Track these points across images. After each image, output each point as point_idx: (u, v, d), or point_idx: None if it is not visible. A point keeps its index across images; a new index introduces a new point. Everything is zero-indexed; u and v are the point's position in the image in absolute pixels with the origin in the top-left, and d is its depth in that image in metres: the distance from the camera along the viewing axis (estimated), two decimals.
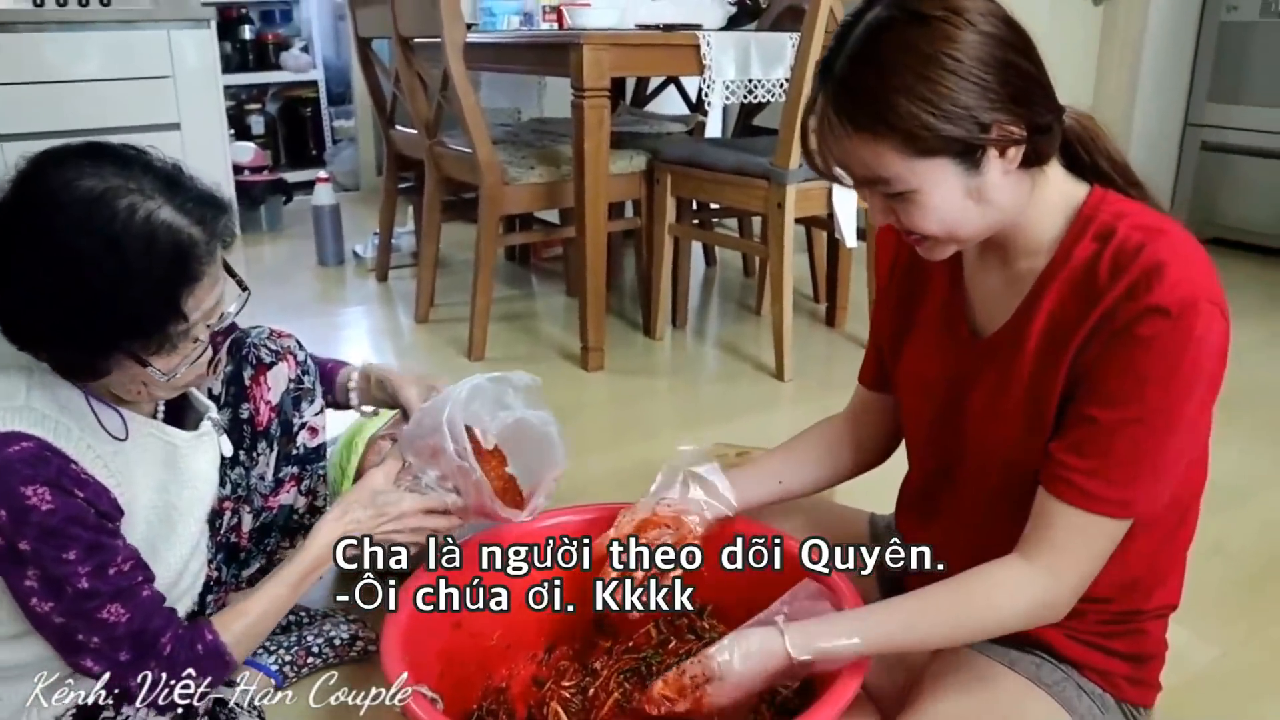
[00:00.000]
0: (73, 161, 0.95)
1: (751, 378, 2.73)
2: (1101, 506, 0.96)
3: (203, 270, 0.98)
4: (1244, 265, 3.84)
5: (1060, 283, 0.99)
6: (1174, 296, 0.90)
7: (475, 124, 2.66)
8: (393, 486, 1.21)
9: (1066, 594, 0.99)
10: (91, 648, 1.03)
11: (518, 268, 3.94)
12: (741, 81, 2.68)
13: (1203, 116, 4.06)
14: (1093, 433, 0.96)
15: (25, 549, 0.96)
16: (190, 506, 1.15)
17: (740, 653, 1.00)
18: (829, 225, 2.86)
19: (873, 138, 0.91)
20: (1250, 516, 1.95)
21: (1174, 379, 0.92)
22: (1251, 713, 1.40)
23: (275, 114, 5.41)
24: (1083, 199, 0.99)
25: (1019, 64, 0.92)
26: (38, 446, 0.96)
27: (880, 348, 1.24)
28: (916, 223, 0.96)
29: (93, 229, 0.92)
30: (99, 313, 0.94)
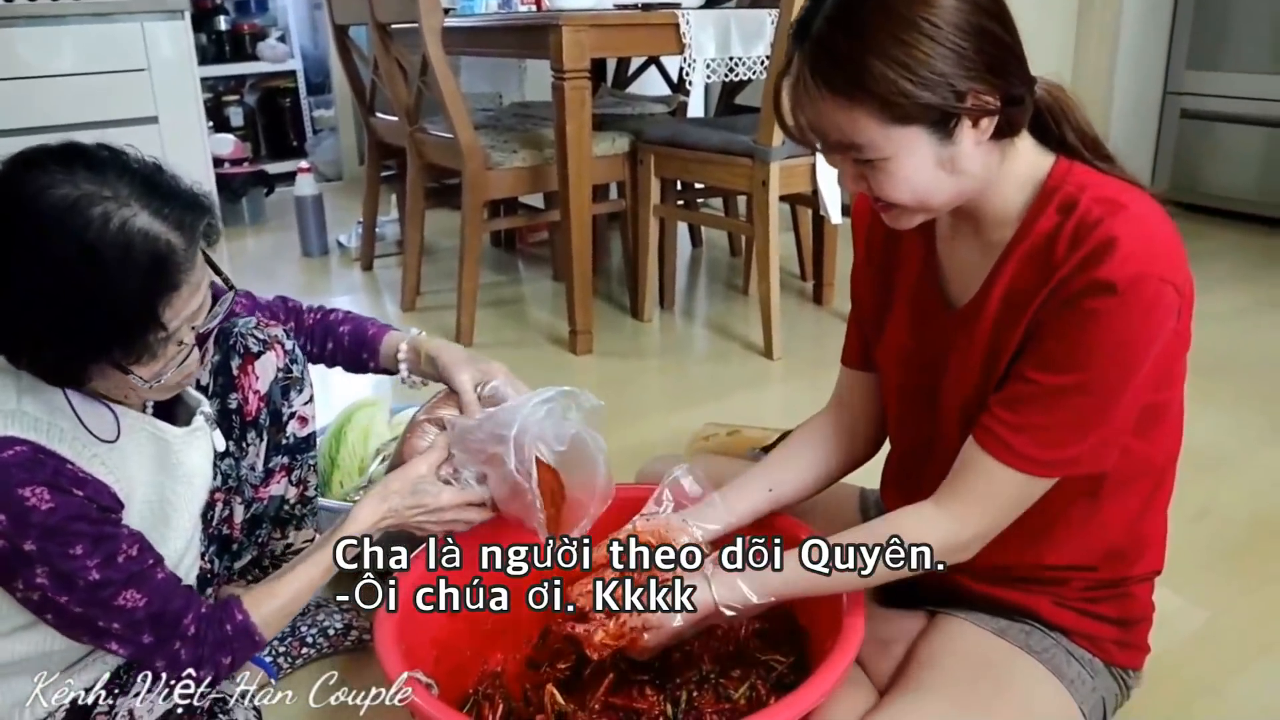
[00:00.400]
0: (44, 167, 0.92)
1: (740, 357, 2.73)
2: (1020, 462, 0.98)
3: (182, 278, 0.96)
4: (1225, 232, 3.85)
5: (1021, 253, 0.99)
6: (1122, 272, 0.90)
7: (456, 109, 2.65)
8: (434, 477, 1.20)
9: (970, 540, 1.03)
10: (114, 633, 1.03)
11: (503, 253, 3.93)
12: (722, 60, 2.68)
13: (1182, 84, 4.06)
14: (1028, 392, 0.97)
15: (30, 549, 0.95)
16: (184, 501, 1.15)
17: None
18: (814, 202, 2.86)
19: (848, 102, 0.91)
20: (1236, 480, 1.97)
21: (1115, 353, 0.93)
22: (1240, 674, 1.41)
23: (254, 105, 5.36)
24: (1048, 170, 0.99)
25: (996, 32, 0.92)
26: (32, 450, 0.96)
27: (862, 323, 1.24)
28: (887, 191, 0.96)
29: (66, 239, 0.90)
30: (75, 324, 0.92)
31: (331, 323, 1.40)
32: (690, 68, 2.63)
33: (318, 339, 1.40)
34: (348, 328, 1.40)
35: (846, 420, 1.28)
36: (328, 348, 1.40)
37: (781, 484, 1.25)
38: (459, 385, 1.28)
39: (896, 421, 1.23)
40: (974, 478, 1.01)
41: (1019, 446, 0.98)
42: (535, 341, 2.87)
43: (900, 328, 1.15)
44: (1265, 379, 2.41)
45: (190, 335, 1.02)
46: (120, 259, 0.91)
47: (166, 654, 1.07)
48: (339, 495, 1.71)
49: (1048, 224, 0.97)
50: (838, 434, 1.28)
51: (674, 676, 1.18)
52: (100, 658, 1.12)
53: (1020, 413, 0.98)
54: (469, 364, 1.31)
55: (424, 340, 1.36)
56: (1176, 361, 1.03)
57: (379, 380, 2.55)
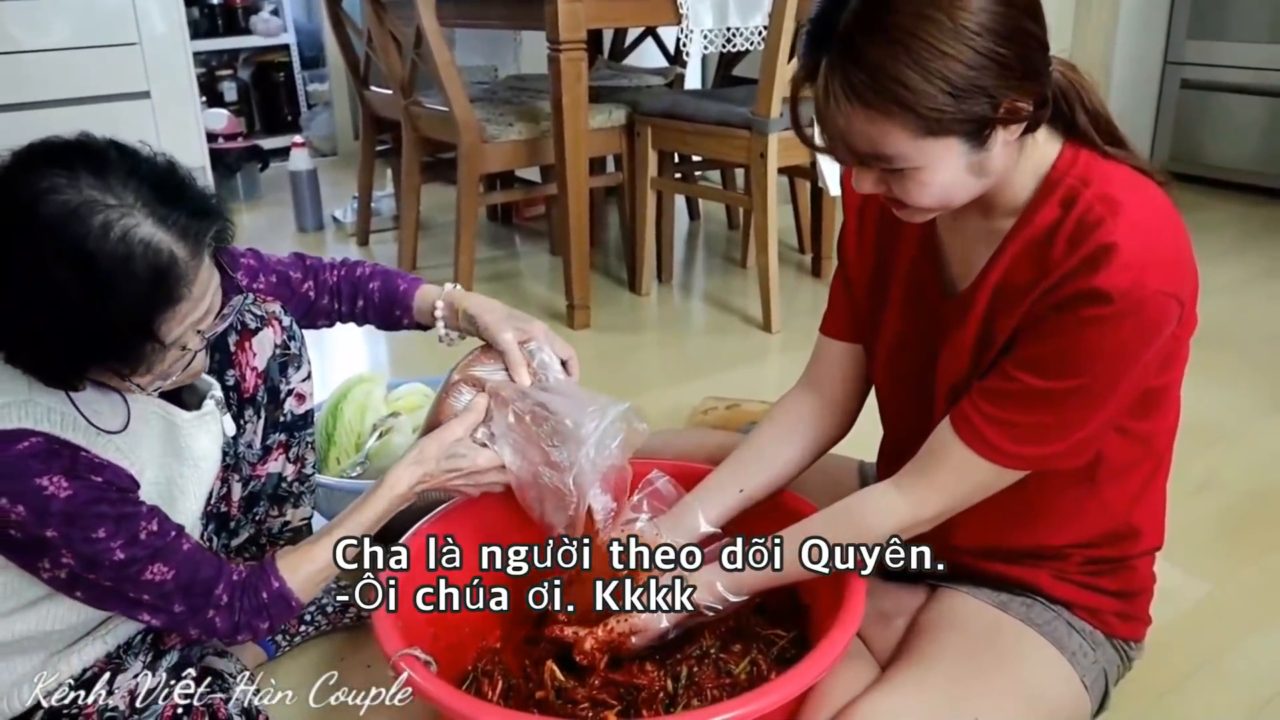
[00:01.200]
0: (48, 169, 0.88)
1: (739, 330, 2.72)
2: (993, 454, 0.97)
3: (183, 291, 0.92)
4: (1226, 204, 3.83)
5: (1018, 244, 0.97)
6: (1118, 282, 0.87)
7: (451, 81, 2.62)
8: (470, 440, 1.19)
9: (927, 522, 1.04)
10: (145, 603, 1.03)
11: (500, 228, 3.91)
12: (720, 30, 2.65)
13: (1183, 54, 4.03)
14: (1012, 389, 0.96)
15: (53, 535, 0.95)
16: (191, 485, 1.14)
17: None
18: (812, 174, 2.84)
19: (880, 116, 0.85)
20: (1237, 452, 1.97)
21: (1105, 363, 0.91)
22: (1241, 646, 1.41)
23: (248, 80, 5.31)
24: (1053, 158, 0.96)
25: (1034, 33, 0.87)
26: (46, 440, 0.95)
27: (853, 296, 1.20)
28: (914, 198, 0.92)
29: (64, 249, 0.87)
30: (70, 333, 0.90)
31: (359, 278, 1.35)
32: (687, 38, 2.60)
33: (345, 296, 1.35)
34: (377, 284, 1.35)
35: (821, 399, 1.25)
36: (357, 305, 1.35)
37: (753, 482, 1.22)
38: (504, 344, 1.25)
39: (888, 403, 1.22)
40: (943, 462, 1.00)
41: (994, 439, 0.97)
42: (533, 315, 2.85)
43: (894, 310, 1.13)
44: (1266, 351, 2.40)
45: (196, 340, 1.00)
46: (118, 271, 0.88)
47: (200, 622, 1.06)
48: (335, 472, 1.70)
49: (1048, 217, 0.94)
50: (810, 418, 1.25)
51: (674, 652, 1.18)
52: (100, 636, 1.12)
53: (1001, 407, 0.96)
54: (509, 321, 1.27)
55: (460, 295, 1.32)
56: (1179, 348, 1.01)
57: (375, 355, 2.55)
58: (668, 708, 1.11)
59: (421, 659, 1.04)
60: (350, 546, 1.14)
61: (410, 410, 1.82)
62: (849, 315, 1.22)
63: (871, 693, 1.03)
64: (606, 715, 1.10)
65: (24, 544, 0.97)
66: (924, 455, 1.03)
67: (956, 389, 1.04)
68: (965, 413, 0.98)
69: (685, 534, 1.20)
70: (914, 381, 1.11)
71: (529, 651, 1.27)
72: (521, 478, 1.19)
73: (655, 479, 1.27)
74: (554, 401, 1.19)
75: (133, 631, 1.15)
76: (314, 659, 1.42)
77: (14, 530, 0.95)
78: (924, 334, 1.09)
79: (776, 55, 2.41)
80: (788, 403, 1.27)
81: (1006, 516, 1.06)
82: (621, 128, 2.85)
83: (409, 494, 1.17)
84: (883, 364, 1.17)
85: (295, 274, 1.33)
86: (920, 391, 1.10)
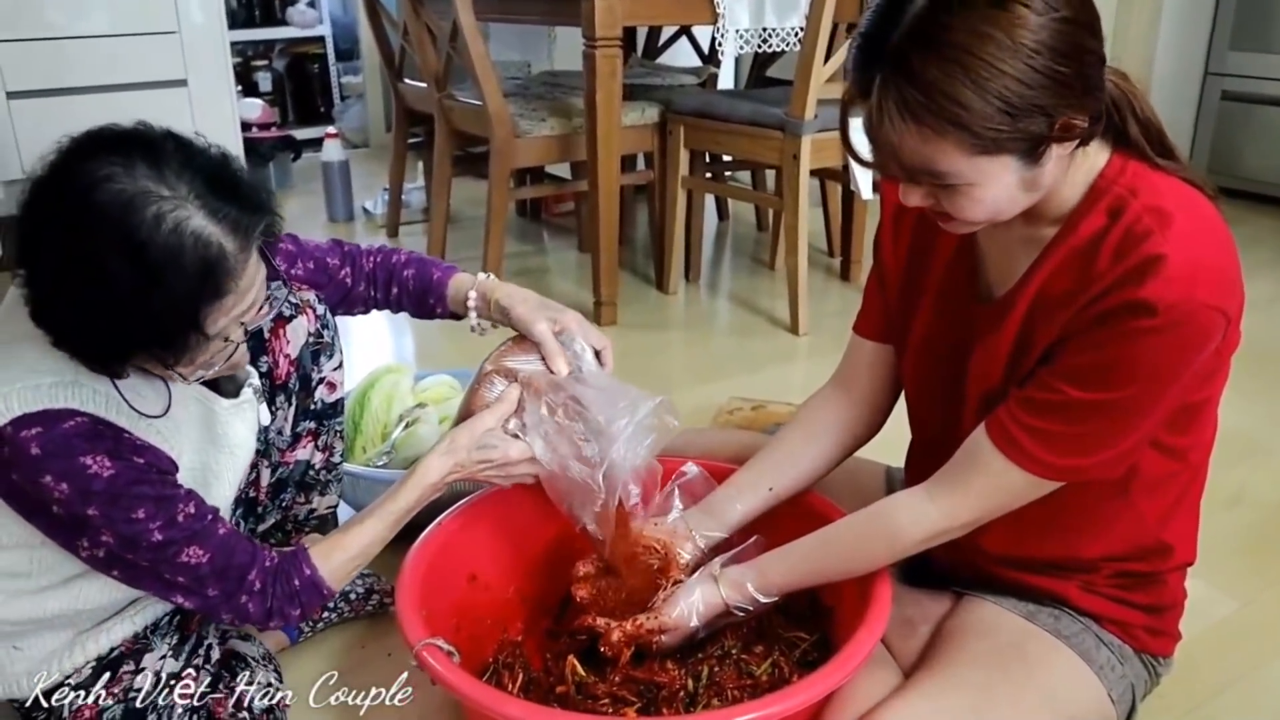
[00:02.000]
0: (105, 157, 0.89)
1: (766, 332, 2.71)
2: (1028, 464, 0.96)
3: (230, 286, 0.93)
4: (1262, 218, 3.77)
5: (1061, 253, 0.95)
6: (1165, 295, 0.85)
7: (485, 75, 2.62)
8: (501, 430, 1.18)
9: (957, 530, 1.03)
10: (180, 585, 1.04)
11: (529, 223, 3.92)
12: (755, 30, 2.63)
13: (1224, 65, 3.97)
14: (1052, 400, 0.94)
15: (94, 514, 0.96)
16: (226, 471, 1.15)
17: (688, 607, 1.12)
18: (844, 177, 2.82)
19: (935, 134, 0.84)
20: (1271, 469, 1.94)
21: (1148, 376, 0.90)
22: (1269, 665, 1.39)
23: (282, 71, 5.35)
24: (1101, 168, 0.94)
25: (1092, 48, 0.85)
26: (91, 422, 0.96)
27: (886, 297, 1.19)
28: (965, 213, 0.91)
29: (116, 238, 0.88)
30: (116, 321, 0.91)
31: (394, 265, 1.35)
32: (723, 37, 2.59)
33: (380, 283, 1.35)
34: (411, 271, 1.34)
35: (852, 398, 1.24)
36: (392, 292, 1.35)
37: (782, 481, 1.23)
38: (539, 335, 1.23)
39: (917, 406, 1.20)
40: (977, 470, 0.99)
41: (1031, 449, 0.95)
42: None
43: (927, 314, 1.12)
44: None
45: (239, 333, 1.00)
46: (168, 263, 0.89)
47: (233, 607, 1.07)
48: (361, 460, 1.70)
49: (1092, 226, 0.93)
50: (841, 417, 1.24)
51: (696, 652, 1.18)
52: (128, 617, 1.13)
53: (1040, 417, 0.95)
54: (542, 311, 1.26)
55: (492, 285, 1.31)
56: (1221, 364, 0.99)
57: (402, 345, 2.55)
58: (688, 707, 1.11)
59: (445, 649, 1.04)
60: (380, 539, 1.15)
61: (437, 402, 1.83)
62: (881, 315, 1.21)
63: (895, 699, 1.03)
64: (626, 712, 1.10)
65: (65, 522, 0.97)
66: (958, 462, 1.01)
67: (988, 395, 1.03)
68: (1002, 421, 0.97)
69: (716, 529, 1.20)
70: (943, 385, 1.10)
71: (550, 645, 1.28)
72: (551, 470, 1.18)
73: (689, 470, 1.27)
74: (587, 395, 1.19)
75: (160, 613, 1.15)
76: (336, 646, 1.43)
77: (56, 508, 0.96)
78: (956, 338, 1.08)
79: (813, 57, 2.39)
80: (817, 402, 1.27)
81: (1038, 526, 1.05)
82: (654, 126, 2.84)
83: (440, 484, 1.17)
84: (912, 365, 1.16)
85: (333, 260, 1.33)
86: (949, 395, 1.09)
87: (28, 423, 0.93)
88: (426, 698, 1.23)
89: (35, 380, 0.95)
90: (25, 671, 1.10)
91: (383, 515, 1.14)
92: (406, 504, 1.15)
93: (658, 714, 1.10)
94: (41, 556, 1.04)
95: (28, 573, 1.05)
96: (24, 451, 0.93)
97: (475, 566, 1.28)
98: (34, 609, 1.07)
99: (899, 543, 1.04)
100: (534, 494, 1.23)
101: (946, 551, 1.08)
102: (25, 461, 0.93)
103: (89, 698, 1.10)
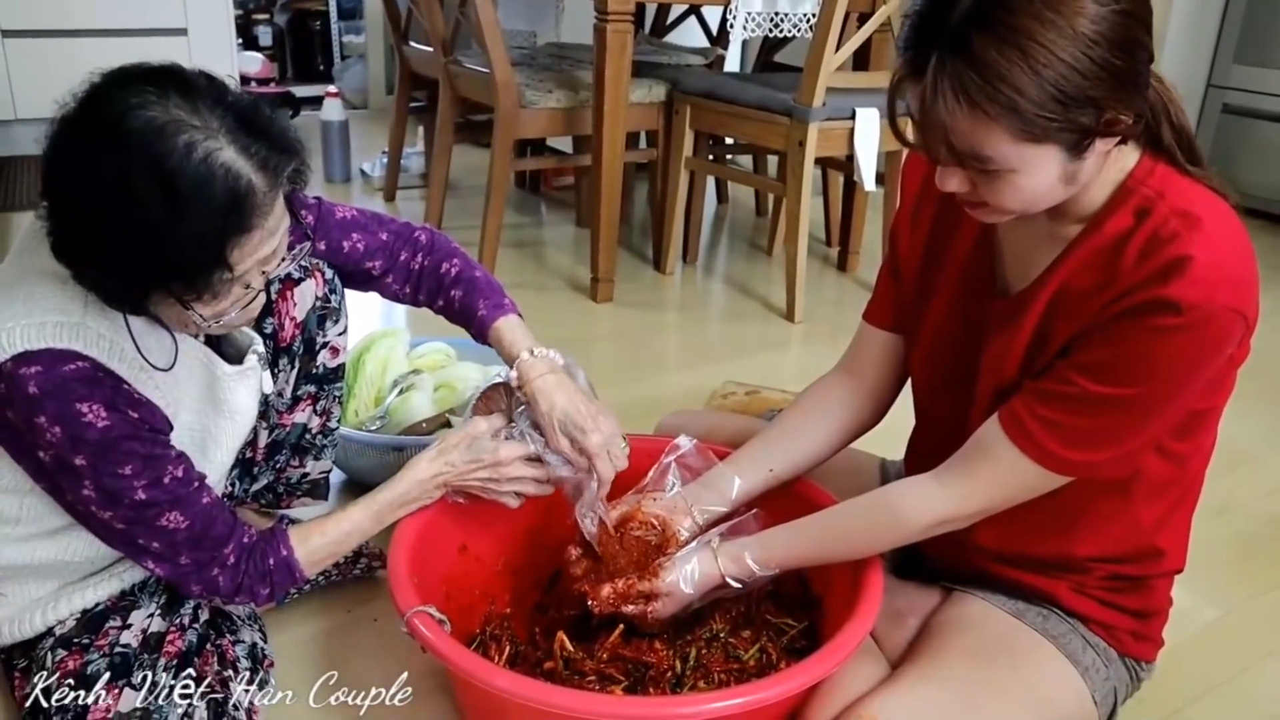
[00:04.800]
0: (138, 86, 0.89)
1: (761, 317, 2.71)
2: (1041, 456, 0.96)
3: (257, 221, 0.92)
4: (1262, 235, 3.78)
5: (1086, 250, 0.95)
6: (1190, 294, 0.86)
7: (494, 42, 2.60)
8: (489, 436, 1.17)
9: (963, 519, 1.03)
10: (153, 551, 1.04)
11: (527, 195, 3.89)
12: (767, 14, 2.62)
13: (1227, 78, 3.97)
14: (1067, 393, 0.94)
15: (81, 464, 0.95)
16: (225, 436, 1.14)
17: (683, 575, 1.11)
18: (847, 167, 2.81)
19: (987, 117, 0.83)
20: (1256, 479, 1.96)
21: (1166, 374, 0.90)
22: (1250, 673, 1.41)
23: (284, 26, 5.29)
24: (1130, 169, 0.95)
25: (1145, 44, 0.85)
26: (92, 367, 0.95)
27: (900, 286, 1.19)
28: (1002, 201, 0.91)
29: (146, 163, 0.86)
30: (142, 250, 0.89)
31: (443, 277, 1.29)
32: (733, 18, 2.57)
33: (426, 288, 1.31)
34: (459, 292, 1.29)
35: (857, 385, 1.25)
36: (438, 303, 1.31)
37: (783, 462, 1.23)
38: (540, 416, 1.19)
39: (925, 397, 1.21)
40: (988, 460, 0.99)
41: (1044, 441, 0.96)
42: (556, 286, 2.85)
43: (943, 306, 1.12)
44: None
45: (259, 280, 0.99)
46: (197, 192, 0.88)
47: (204, 579, 1.07)
48: (354, 424, 1.69)
49: (1118, 225, 0.93)
50: (845, 401, 1.25)
51: (684, 633, 1.18)
52: (116, 574, 1.12)
53: (1055, 410, 0.95)
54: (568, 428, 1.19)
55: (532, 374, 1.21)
56: (1230, 372, 1.00)
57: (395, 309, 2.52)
58: (674, 687, 1.11)
59: (436, 618, 1.04)
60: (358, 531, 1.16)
61: (431, 369, 1.82)
62: (894, 305, 1.21)
63: (881, 690, 1.03)
64: (613, 690, 1.10)
65: (51, 469, 0.97)
66: (969, 452, 1.02)
67: (1000, 388, 1.03)
68: (1016, 413, 0.97)
69: (716, 503, 1.20)
70: (954, 377, 1.10)
71: (538, 619, 1.27)
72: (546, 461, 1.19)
73: (683, 444, 1.26)
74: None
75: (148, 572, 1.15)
76: (322, 608, 1.42)
77: (45, 452, 0.95)
78: (970, 331, 1.08)
79: (824, 44, 2.38)
80: (822, 386, 1.27)
81: (1034, 523, 1.06)
82: (660, 104, 2.83)
83: (430, 481, 1.16)
84: (924, 356, 1.16)
85: (382, 236, 1.29)
86: (959, 388, 1.09)
87: (28, 360, 0.92)
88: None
89: (41, 318, 0.94)
90: (8, 618, 1.10)
91: (366, 504, 1.15)
92: (392, 496, 1.15)
93: (644, 693, 1.10)
94: (31, 504, 1.04)
95: (16, 518, 1.05)
96: (21, 389, 0.92)
97: (466, 537, 1.28)
98: (20, 555, 1.06)
99: (904, 527, 1.04)
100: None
101: (939, 545, 1.08)
102: (21, 399, 0.92)
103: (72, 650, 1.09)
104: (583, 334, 2.53)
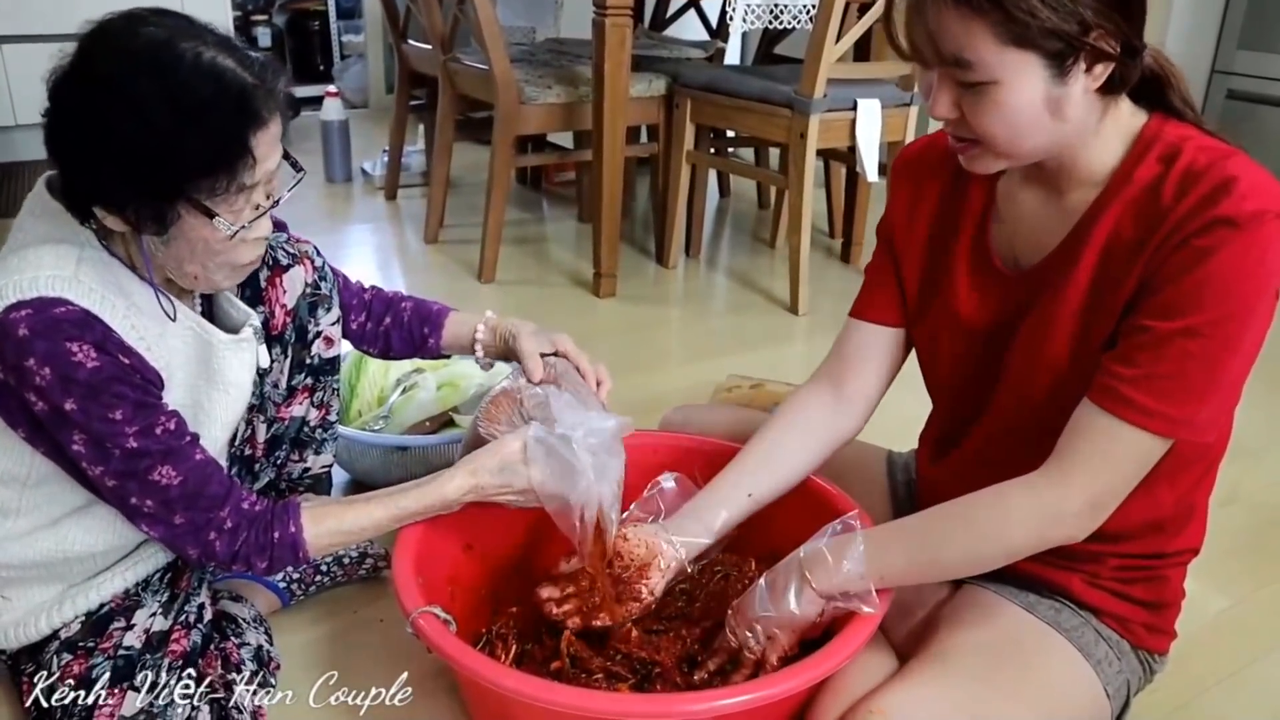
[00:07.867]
0: (137, 17, 0.96)
1: (764, 310, 2.70)
2: (1139, 417, 0.91)
3: (267, 115, 0.97)
4: None
5: (1119, 206, 0.95)
6: (1242, 208, 0.86)
7: (493, 39, 2.59)
8: (523, 458, 1.16)
9: (1076, 507, 0.94)
10: (146, 511, 1.02)
11: (529, 191, 3.89)
12: (766, 5, 2.61)
13: (1231, 64, 3.95)
14: (1144, 341, 0.92)
15: (71, 408, 0.95)
16: (220, 410, 1.13)
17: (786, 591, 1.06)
18: (849, 159, 2.80)
19: (971, 12, 0.86)
20: (1264, 471, 1.94)
21: (1235, 291, 0.88)
22: (1260, 664, 1.40)
23: (282, 27, 5.29)
24: (1141, 125, 0.96)
25: None
26: (83, 312, 0.95)
27: (900, 276, 1.17)
28: (985, 122, 0.91)
29: (158, 71, 0.92)
30: (168, 152, 0.93)
31: (392, 298, 1.38)
32: (733, 10, 2.56)
33: (375, 314, 1.37)
34: (409, 304, 1.38)
35: (841, 393, 1.21)
36: (384, 323, 1.36)
37: (761, 487, 1.19)
38: (522, 351, 1.27)
39: (943, 389, 1.18)
40: (1086, 440, 0.94)
41: (1140, 400, 0.91)
42: (558, 282, 2.84)
43: (956, 292, 1.10)
44: None
45: (266, 200, 1.02)
46: (213, 88, 0.93)
47: (200, 541, 1.05)
48: (357, 424, 1.69)
49: (1148, 173, 0.93)
50: (823, 415, 1.21)
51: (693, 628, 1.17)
52: (119, 573, 1.11)
53: (1137, 363, 0.91)
54: (535, 333, 1.30)
55: (498, 321, 1.34)
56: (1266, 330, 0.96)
57: None
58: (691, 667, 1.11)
59: (442, 618, 1.03)
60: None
61: (434, 367, 1.81)
62: (892, 299, 1.19)
63: (891, 684, 1.02)
64: (621, 687, 1.09)
65: (46, 420, 0.96)
66: (1065, 444, 0.96)
67: (1036, 365, 1.01)
68: (1104, 384, 0.94)
69: (700, 535, 1.17)
70: (978, 364, 1.09)
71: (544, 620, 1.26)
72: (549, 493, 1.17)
73: (664, 480, 1.24)
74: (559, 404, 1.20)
75: (152, 570, 1.14)
76: (328, 610, 1.42)
77: (34, 397, 0.95)
78: (992, 316, 1.07)
79: (825, 35, 2.37)
80: (800, 400, 1.23)
81: None
82: (661, 98, 2.82)
83: (455, 501, 1.14)
84: (945, 346, 1.14)
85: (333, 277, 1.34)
86: (984, 371, 1.08)
87: (19, 307, 0.93)
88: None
89: (34, 273, 0.95)
90: (13, 623, 1.09)
91: (388, 505, 1.13)
92: (415, 506, 1.13)
93: (652, 690, 1.09)
94: (30, 496, 1.04)
95: (16, 510, 1.05)
96: (12, 333, 0.92)
97: (471, 536, 1.27)
98: (22, 552, 1.06)
99: (1008, 539, 0.98)
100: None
101: None
102: (12, 345, 0.93)
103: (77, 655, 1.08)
104: (586, 329, 2.52)
